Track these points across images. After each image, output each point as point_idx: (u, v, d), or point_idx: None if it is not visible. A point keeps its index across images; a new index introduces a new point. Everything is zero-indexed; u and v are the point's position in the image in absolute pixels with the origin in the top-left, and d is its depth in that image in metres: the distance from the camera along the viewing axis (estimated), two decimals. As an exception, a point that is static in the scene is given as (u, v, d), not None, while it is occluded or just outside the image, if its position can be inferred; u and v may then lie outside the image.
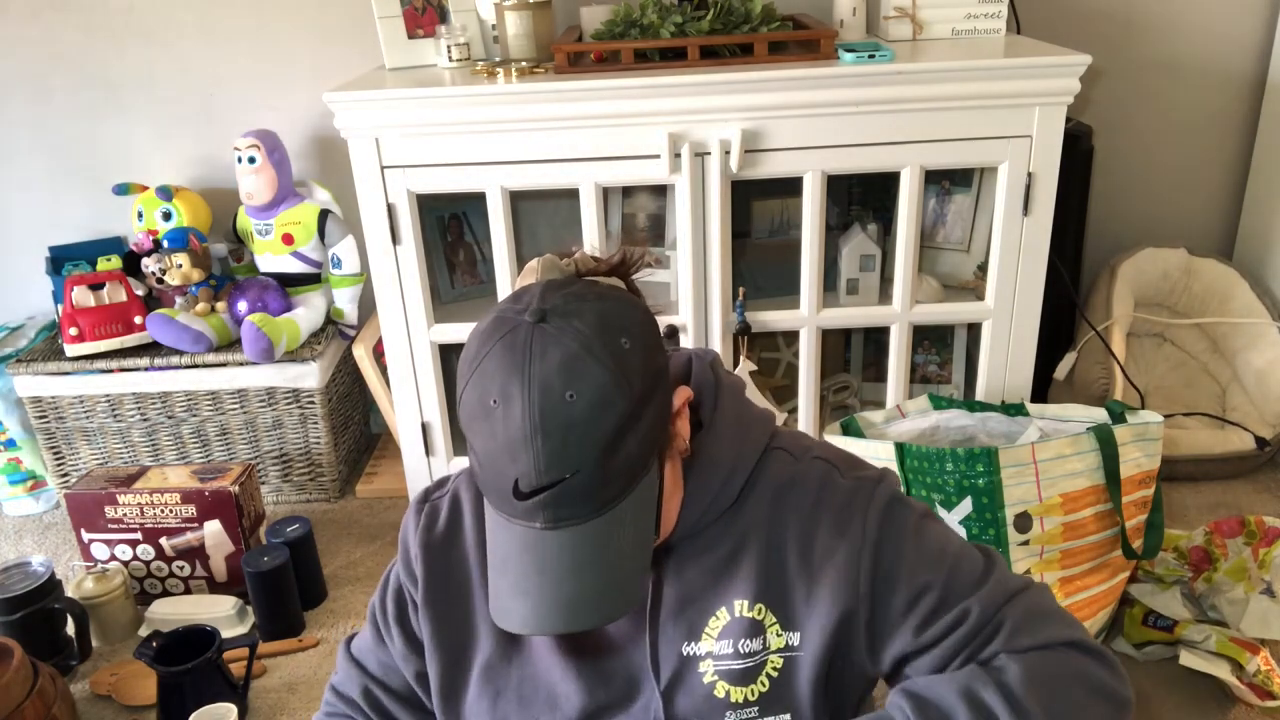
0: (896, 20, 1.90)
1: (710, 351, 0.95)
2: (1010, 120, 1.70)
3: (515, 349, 0.74)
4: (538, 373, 0.73)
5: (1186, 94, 2.26)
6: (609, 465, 0.75)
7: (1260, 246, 2.27)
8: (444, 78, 1.79)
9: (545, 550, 0.76)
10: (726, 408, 0.90)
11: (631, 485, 0.77)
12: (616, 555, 0.77)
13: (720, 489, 0.87)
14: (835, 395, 2.19)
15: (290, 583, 1.78)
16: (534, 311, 0.76)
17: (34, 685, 1.47)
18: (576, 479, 0.74)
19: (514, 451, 0.74)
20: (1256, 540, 1.64)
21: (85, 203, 2.35)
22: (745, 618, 0.88)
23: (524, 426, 0.73)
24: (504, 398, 0.74)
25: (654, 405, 0.77)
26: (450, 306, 2.05)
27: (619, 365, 0.75)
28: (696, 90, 1.67)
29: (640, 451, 0.76)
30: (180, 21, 2.21)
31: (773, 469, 0.89)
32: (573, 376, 0.73)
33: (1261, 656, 1.45)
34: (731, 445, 0.88)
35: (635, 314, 0.79)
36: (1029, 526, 1.43)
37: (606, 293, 0.79)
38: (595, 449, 0.74)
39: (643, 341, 0.77)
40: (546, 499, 0.74)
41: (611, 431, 0.74)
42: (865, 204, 2.11)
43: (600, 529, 0.76)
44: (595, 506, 0.76)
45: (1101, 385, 2.12)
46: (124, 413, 2.12)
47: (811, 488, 0.88)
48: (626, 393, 0.74)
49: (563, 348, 0.74)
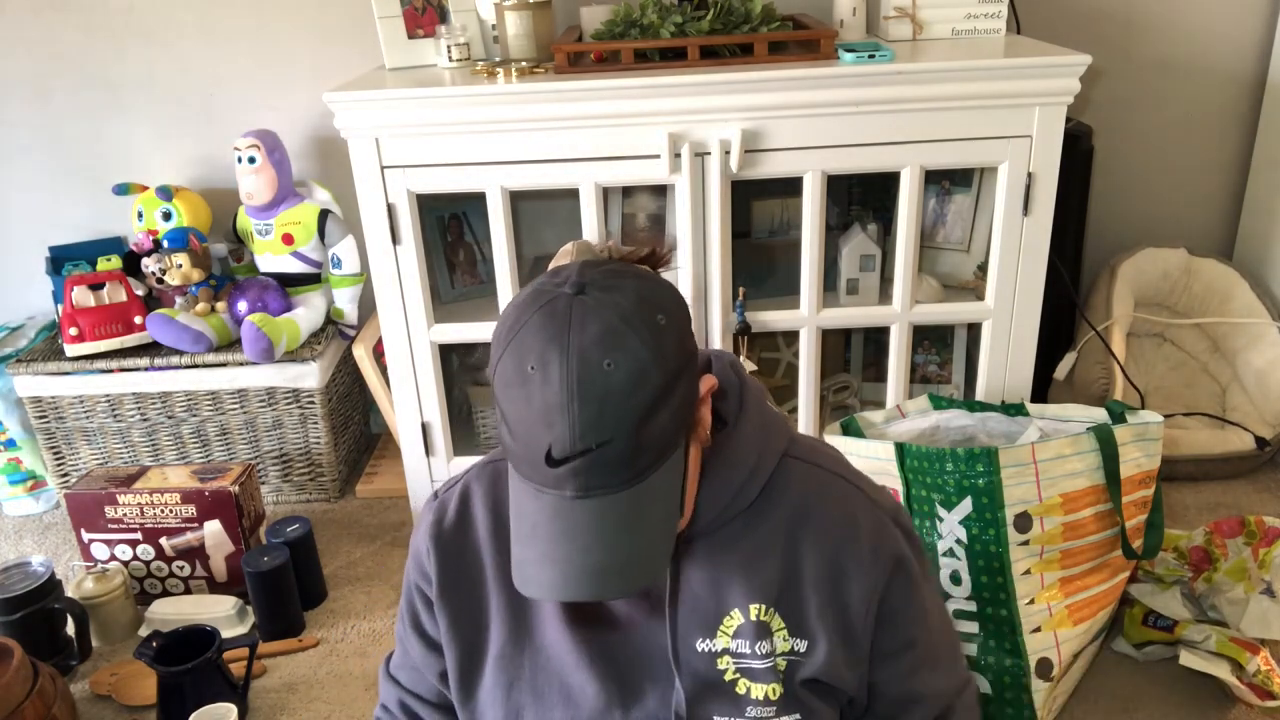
0: (896, 20, 1.90)
1: (729, 353, 0.96)
2: (1010, 120, 1.70)
3: (555, 318, 0.76)
4: (577, 342, 0.74)
5: (1186, 94, 2.26)
6: (642, 436, 0.75)
7: (1260, 246, 2.27)
8: (444, 78, 1.79)
9: (575, 518, 0.76)
10: (751, 409, 0.91)
11: (661, 459, 0.78)
12: (645, 526, 0.77)
13: (740, 489, 0.89)
14: (835, 395, 2.19)
15: (290, 583, 1.78)
16: (574, 284, 0.78)
17: (34, 685, 1.47)
18: (610, 448, 0.75)
19: (550, 418, 0.74)
20: (1256, 540, 1.64)
21: (85, 203, 2.35)
22: (756, 621, 0.89)
23: (561, 393, 0.74)
24: (542, 364, 0.75)
25: (685, 384, 0.79)
26: (450, 306, 2.05)
27: (656, 340, 0.76)
28: (696, 90, 1.67)
29: (672, 427, 0.77)
30: (180, 21, 2.21)
31: (794, 478, 0.91)
32: (611, 347, 0.74)
33: (1261, 656, 1.45)
34: (754, 446, 0.90)
35: (671, 294, 0.81)
36: (1029, 526, 1.43)
37: (642, 273, 0.81)
38: (630, 419, 0.74)
39: (677, 321, 0.79)
40: (579, 466, 0.75)
41: (647, 403, 0.75)
42: (865, 204, 2.11)
43: (630, 500, 0.77)
44: (626, 477, 0.76)
45: (1101, 385, 2.12)
46: (124, 413, 2.12)
47: (836, 508, 0.90)
48: (662, 367, 0.76)
49: (602, 319, 0.75)
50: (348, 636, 1.80)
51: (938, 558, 1.49)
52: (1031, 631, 1.45)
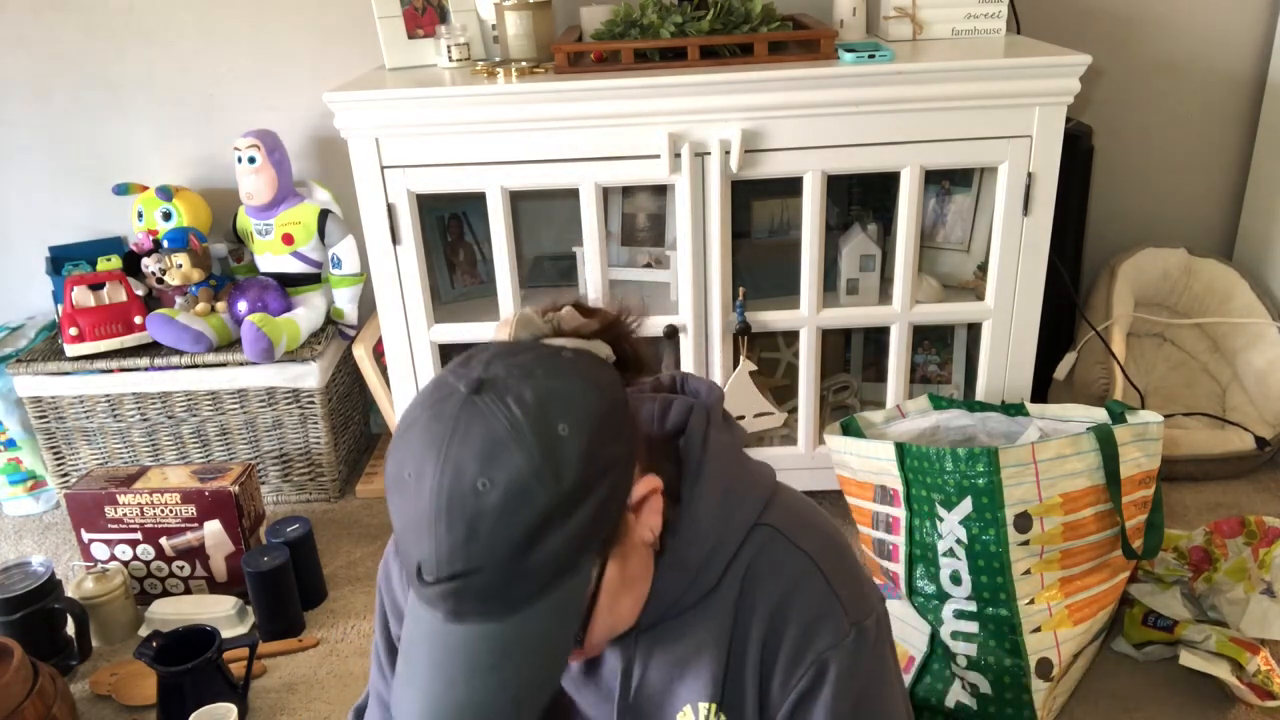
0: (896, 20, 1.90)
1: (714, 395, 0.86)
2: (1010, 120, 1.70)
3: (441, 421, 0.67)
4: (455, 452, 0.66)
5: (1186, 94, 2.26)
6: (520, 565, 0.66)
7: (1260, 246, 2.27)
8: (444, 78, 1.79)
9: (448, 643, 0.69)
10: (709, 483, 0.80)
11: (551, 587, 0.69)
12: (524, 660, 0.69)
13: (693, 580, 0.80)
14: (835, 395, 2.19)
15: (290, 583, 1.78)
16: (471, 381, 0.69)
17: (34, 685, 1.47)
18: (481, 576, 0.66)
19: (419, 533, 0.67)
20: (1256, 540, 1.64)
21: (85, 203, 2.35)
22: None
23: (430, 508, 0.66)
24: (418, 474, 0.67)
25: (592, 501, 0.68)
26: (450, 306, 2.05)
27: (547, 454, 0.66)
28: (696, 90, 1.67)
29: (566, 552, 0.68)
30: (180, 21, 2.21)
31: (753, 550, 0.82)
32: (490, 462, 0.65)
33: (1261, 656, 1.45)
34: (710, 531, 0.80)
35: (588, 398, 0.70)
36: (1029, 526, 1.43)
37: (561, 368, 0.71)
38: (504, 546, 0.66)
39: (588, 429, 0.68)
40: (448, 590, 0.67)
41: (527, 529, 0.66)
42: (865, 204, 2.11)
43: (507, 632, 0.68)
44: (502, 607, 0.68)
45: (1101, 385, 2.12)
46: (124, 413, 2.12)
47: (784, 583, 0.80)
48: (552, 487, 0.66)
49: (487, 427, 0.66)
50: (348, 636, 1.80)
51: (938, 558, 1.49)
52: (1031, 631, 1.45)
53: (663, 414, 0.84)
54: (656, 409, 0.85)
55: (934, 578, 1.51)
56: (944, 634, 1.50)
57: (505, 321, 0.78)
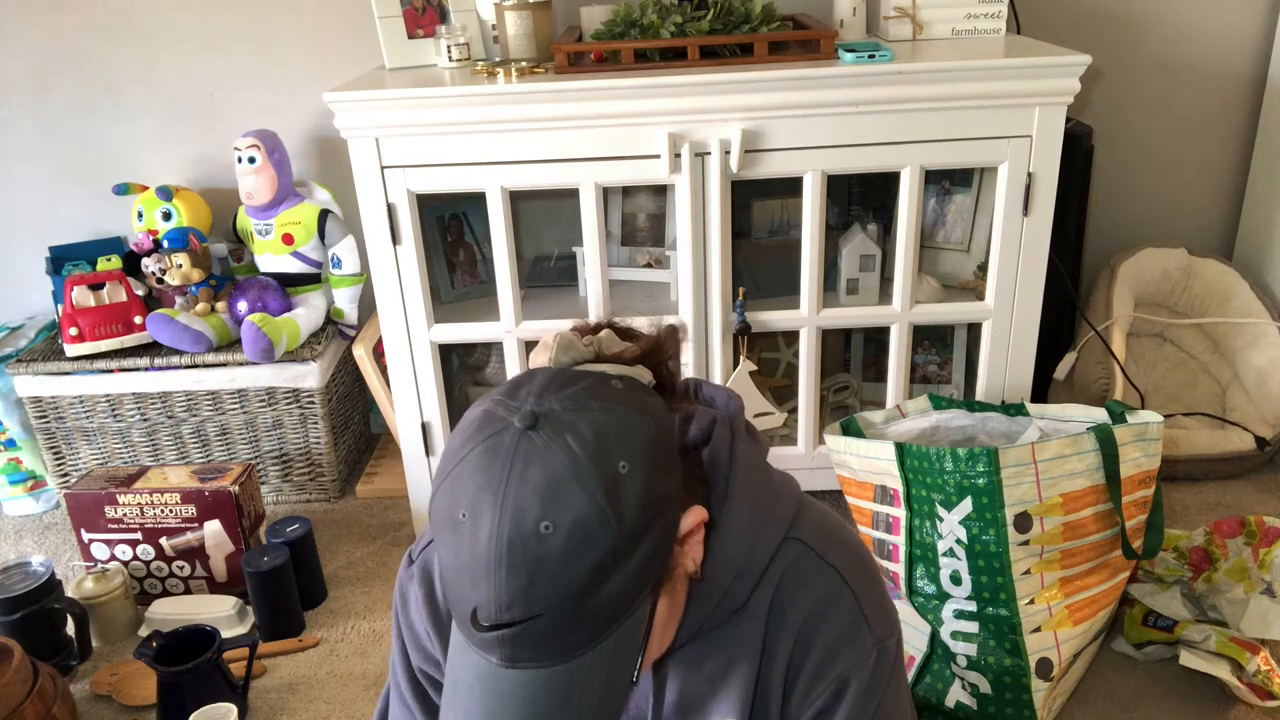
0: (896, 20, 1.90)
1: (734, 405, 0.83)
2: (1010, 120, 1.70)
3: (496, 458, 0.65)
4: (514, 493, 0.64)
5: (1186, 94, 2.26)
6: (582, 609, 0.65)
7: (1260, 246, 2.27)
8: (444, 78, 1.79)
9: (502, 688, 0.67)
10: (738, 498, 0.79)
11: (610, 629, 0.67)
12: (584, 704, 0.67)
13: (723, 598, 0.79)
14: (835, 395, 2.19)
15: (290, 583, 1.78)
16: (525, 415, 0.66)
17: (34, 685, 1.47)
18: (541, 621, 0.64)
19: (475, 577, 0.65)
20: (1256, 540, 1.64)
21: (85, 203, 2.35)
22: None
23: (489, 553, 0.63)
24: (474, 514, 0.65)
25: (650, 539, 0.67)
26: (450, 306, 2.05)
27: (610, 495, 0.64)
28: (696, 90, 1.67)
29: (626, 591, 0.66)
30: (180, 22, 2.21)
31: (782, 563, 0.81)
32: (552, 504, 0.63)
33: (1261, 656, 1.45)
34: (741, 546, 0.78)
35: (643, 430, 0.68)
36: (1029, 526, 1.43)
37: (616, 398, 0.69)
38: (567, 591, 0.64)
39: (646, 465, 0.67)
40: (505, 636, 0.65)
41: (590, 572, 0.64)
42: (865, 204, 2.11)
43: (564, 677, 0.67)
44: (561, 652, 0.66)
45: (1101, 385, 2.12)
46: (124, 413, 2.12)
47: (815, 599, 0.80)
48: (614, 529, 0.64)
49: (547, 467, 0.64)
50: (348, 636, 1.80)
51: (938, 558, 1.49)
52: (1031, 631, 1.45)
53: (684, 426, 0.81)
54: (677, 421, 0.81)
55: (934, 578, 1.51)
56: (944, 634, 1.50)
57: (544, 345, 0.75)
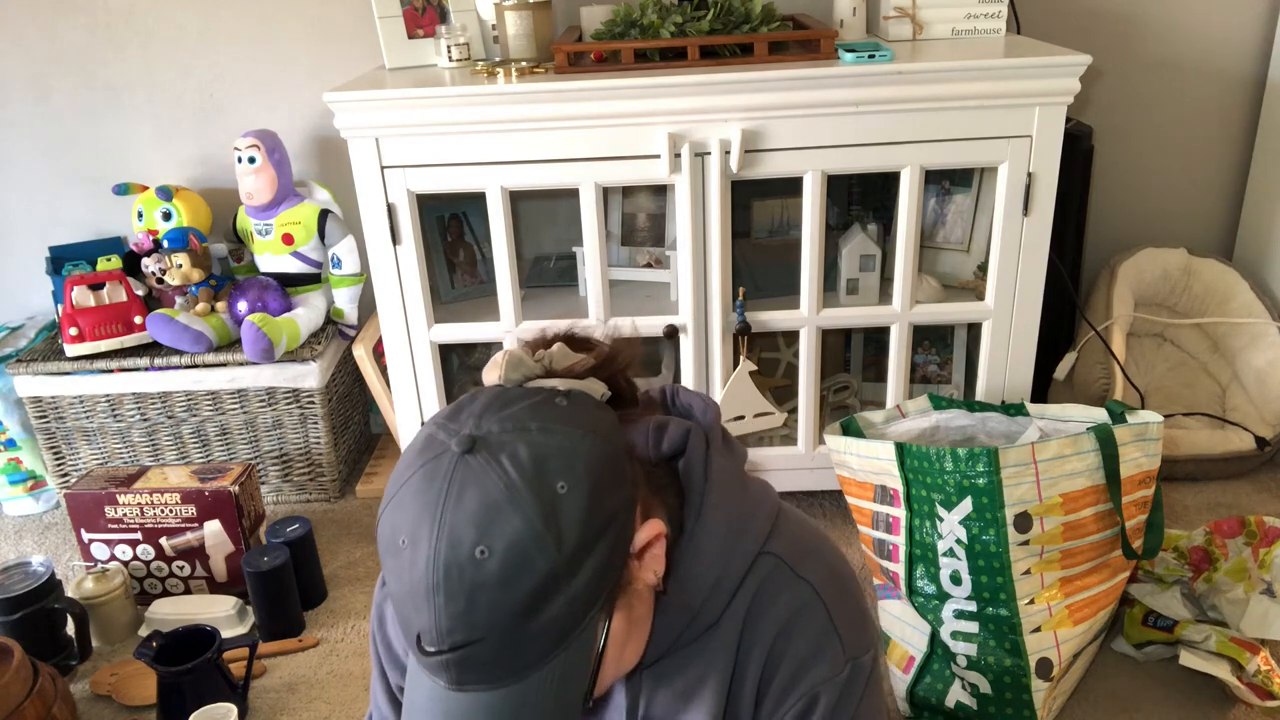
0: (896, 20, 1.90)
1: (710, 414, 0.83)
2: (1010, 120, 1.70)
3: (434, 483, 0.65)
4: (450, 519, 0.63)
5: (1186, 94, 2.26)
6: (525, 632, 0.64)
7: (1260, 246, 2.27)
8: (444, 78, 1.79)
9: (450, 710, 0.67)
10: (712, 516, 0.78)
11: (557, 649, 0.66)
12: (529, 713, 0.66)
13: (696, 614, 0.78)
14: (835, 395, 2.19)
15: (290, 583, 1.78)
16: (463, 439, 0.66)
17: (34, 685, 1.47)
18: (483, 645, 0.64)
19: (417, 603, 0.65)
20: (1256, 540, 1.64)
21: (85, 203, 2.35)
22: None
23: (427, 578, 0.63)
24: (413, 540, 0.65)
25: (596, 557, 0.66)
26: (450, 306, 2.05)
27: (547, 517, 0.64)
28: (696, 90, 1.67)
29: (572, 612, 0.65)
30: (180, 21, 2.21)
31: (758, 576, 0.80)
32: (487, 529, 0.63)
33: (1261, 656, 1.45)
34: (715, 561, 0.78)
35: (586, 448, 0.67)
36: (1029, 526, 1.43)
37: (559, 416, 0.68)
38: (507, 615, 0.63)
39: (588, 483, 0.66)
40: (449, 660, 0.65)
41: (529, 595, 0.63)
42: (865, 204, 2.11)
43: (512, 697, 0.66)
44: (508, 674, 0.66)
45: (1101, 385, 2.12)
46: (124, 413, 2.12)
47: (786, 612, 0.79)
48: (552, 551, 0.64)
49: (483, 491, 0.64)
50: (348, 636, 1.80)
51: (938, 558, 1.49)
52: (1031, 631, 1.45)
53: (658, 437, 0.81)
54: (651, 431, 0.81)
55: (934, 578, 1.51)
56: (944, 634, 1.50)
57: (494, 363, 0.74)
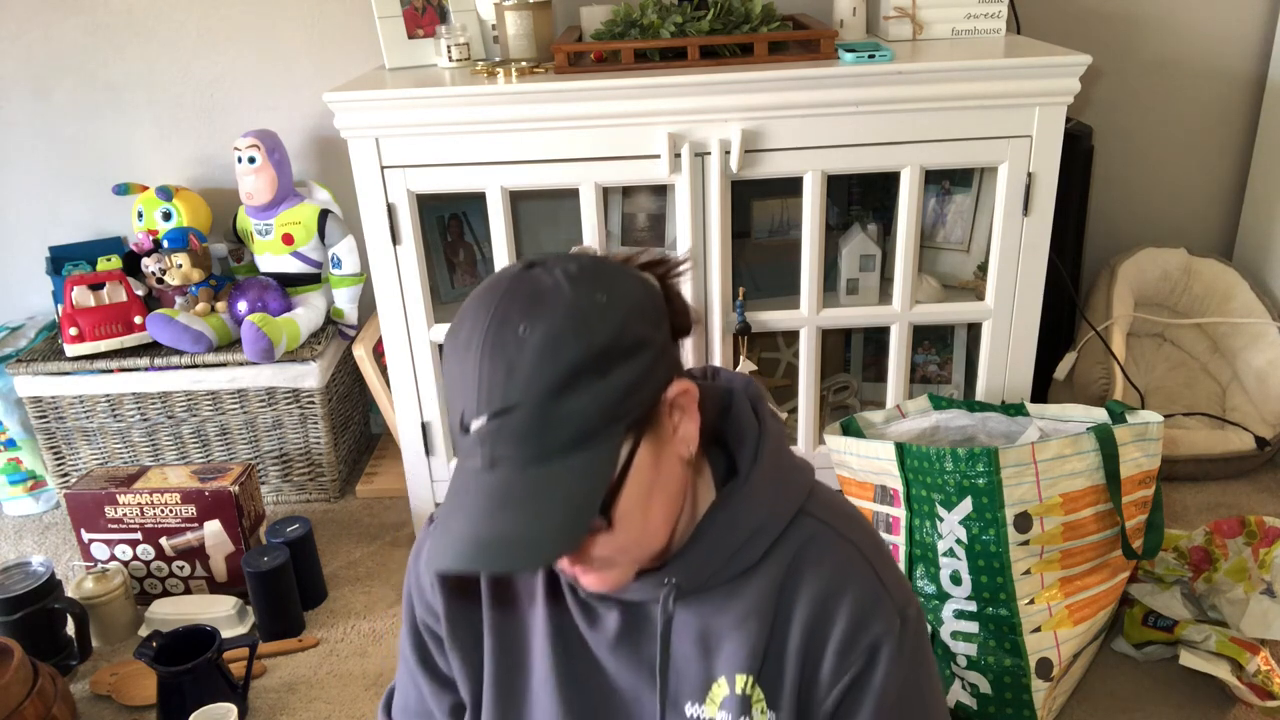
0: (896, 20, 1.90)
1: (753, 384, 0.89)
2: (1010, 120, 1.70)
3: (495, 286, 0.75)
4: (502, 305, 0.72)
5: (1186, 94, 2.26)
6: (551, 411, 0.70)
7: (1260, 246, 2.27)
8: (444, 78, 1.79)
9: (477, 491, 0.73)
10: (767, 461, 0.84)
11: (582, 444, 0.72)
12: (542, 512, 0.71)
13: (739, 550, 0.83)
14: (835, 395, 2.19)
15: (290, 583, 1.78)
16: (524, 262, 0.76)
17: (34, 685, 1.47)
18: (515, 415, 0.71)
19: (465, 380, 0.72)
20: (1256, 540, 1.64)
21: (85, 203, 2.35)
22: (740, 694, 0.84)
23: (476, 354, 0.72)
24: (469, 330, 0.73)
25: (624, 371, 0.73)
26: (450, 306, 2.05)
27: (585, 315, 0.72)
28: (696, 90, 1.67)
29: (594, 412, 0.71)
30: (180, 21, 2.21)
31: (799, 535, 0.84)
32: (531, 313, 0.71)
33: (1261, 656, 1.45)
34: (764, 506, 0.83)
35: (630, 283, 0.75)
36: (1029, 526, 1.43)
37: (609, 263, 0.77)
38: (540, 388, 0.70)
39: (625, 305, 0.74)
40: (484, 432, 0.71)
41: (561, 374, 0.70)
42: (865, 204, 2.11)
43: (533, 478, 0.72)
44: (531, 454, 0.71)
45: (1101, 385, 2.12)
46: (124, 413, 2.12)
47: (831, 575, 0.83)
48: (584, 342, 0.71)
49: (534, 287, 0.73)
50: (348, 636, 1.80)
51: (938, 558, 1.49)
52: (1031, 631, 1.45)
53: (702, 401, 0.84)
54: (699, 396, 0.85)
55: (934, 578, 1.51)
56: (944, 634, 1.50)
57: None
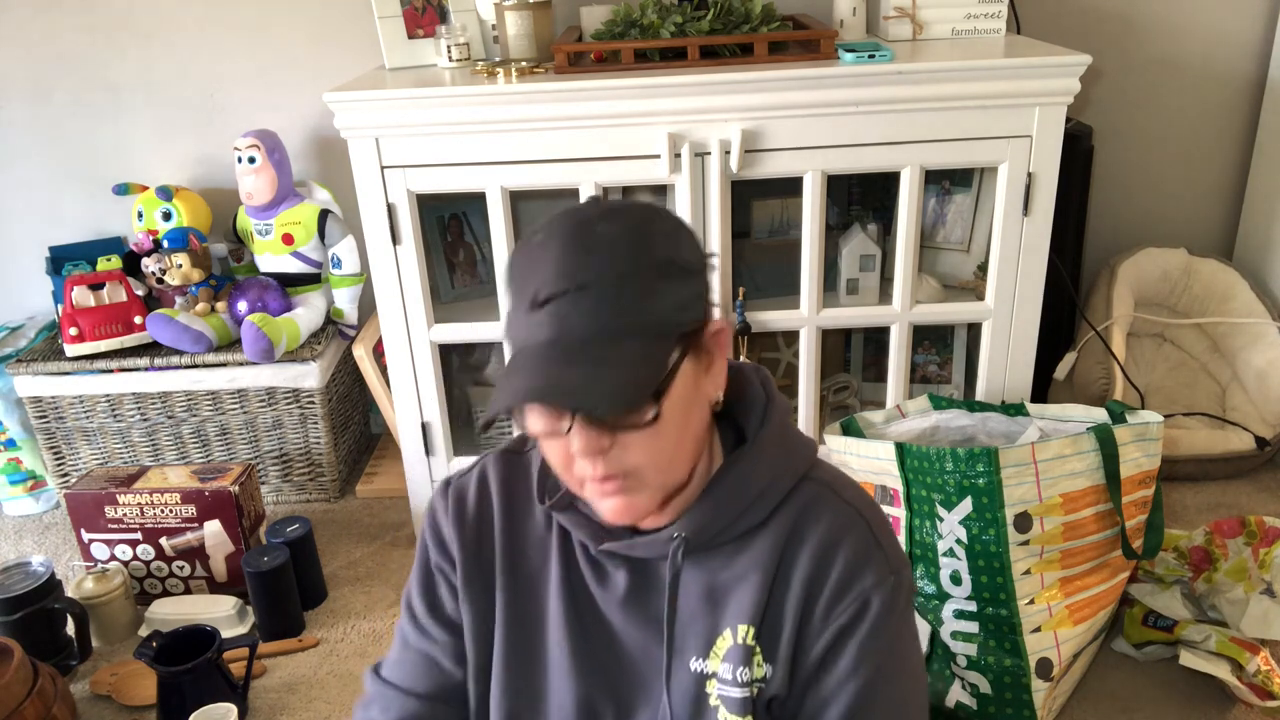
0: (896, 20, 1.90)
1: (761, 368, 0.95)
2: (1010, 120, 1.70)
3: (571, 207, 0.82)
4: (581, 211, 0.80)
5: (1186, 94, 2.26)
6: (621, 295, 0.76)
7: (1260, 246, 2.27)
8: (444, 78, 1.79)
9: (543, 356, 0.77)
10: (774, 427, 0.89)
11: (640, 335, 0.77)
12: (607, 371, 0.76)
13: (746, 510, 0.87)
14: (835, 395, 2.19)
15: (290, 583, 1.78)
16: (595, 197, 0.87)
17: (34, 685, 1.47)
18: (589, 292, 0.76)
19: (539, 264, 0.78)
20: (1256, 540, 1.64)
21: (85, 203, 2.35)
22: (742, 644, 0.87)
23: (557, 243, 0.78)
24: (547, 230, 0.80)
25: (681, 286, 0.80)
26: (450, 306, 2.05)
27: (653, 227, 0.80)
28: (696, 90, 1.67)
29: (656, 309, 0.78)
30: (180, 21, 2.21)
31: (801, 497, 0.88)
32: (609, 217, 0.79)
33: (1261, 656, 1.45)
34: (769, 468, 0.88)
35: (688, 232, 0.83)
36: (1029, 526, 1.43)
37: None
38: (611, 273, 0.76)
39: (686, 233, 0.83)
40: (559, 307, 0.76)
41: (630, 267, 0.77)
42: (865, 204, 2.11)
43: (599, 346, 0.76)
44: (599, 327, 0.76)
45: (1101, 385, 2.12)
46: (124, 413, 2.12)
47: (829, 530, 0.86)
48: (653, 247, 0.78)
49: (610, 204, 0.81)
50: (348, 636, 1.80)
51: (938, 558, 1.49)
52: (1031, 631, 1.45)
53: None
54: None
55: (934, 578, 1.51)
56: (944, 634, 1.50)
57: None
